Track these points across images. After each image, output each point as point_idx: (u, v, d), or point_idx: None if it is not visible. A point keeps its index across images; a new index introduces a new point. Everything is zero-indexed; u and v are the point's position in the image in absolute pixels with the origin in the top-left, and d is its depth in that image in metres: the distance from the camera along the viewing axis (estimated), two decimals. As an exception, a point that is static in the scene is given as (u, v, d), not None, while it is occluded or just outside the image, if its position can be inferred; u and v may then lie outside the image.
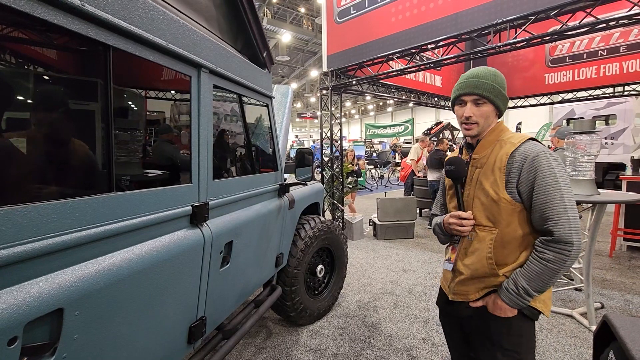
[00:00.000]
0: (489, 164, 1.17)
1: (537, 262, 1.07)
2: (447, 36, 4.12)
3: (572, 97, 8.20)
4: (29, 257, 0.78)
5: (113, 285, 0.97)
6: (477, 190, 1.20)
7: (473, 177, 1.22)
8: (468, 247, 1.23)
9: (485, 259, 1.17)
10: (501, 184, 1.13)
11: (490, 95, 1.16)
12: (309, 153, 2.54)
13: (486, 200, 1.16)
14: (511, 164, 1.12)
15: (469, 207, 1.23)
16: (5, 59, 0.92)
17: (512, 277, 1.13)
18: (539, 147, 1.12)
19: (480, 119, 1.19)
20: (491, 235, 1.16)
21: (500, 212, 1.14)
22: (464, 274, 1.23)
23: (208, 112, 1.47)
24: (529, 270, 1.09)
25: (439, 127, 11.23)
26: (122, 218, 1.04)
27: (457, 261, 1.27)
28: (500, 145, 1.17)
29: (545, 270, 1.05)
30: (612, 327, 1.36)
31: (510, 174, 1.12)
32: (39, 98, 0.98)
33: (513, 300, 1.11)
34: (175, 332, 1.32)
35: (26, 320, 0.75)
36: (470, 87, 1.18)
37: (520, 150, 1.12)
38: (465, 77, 1.22)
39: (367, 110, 39.28)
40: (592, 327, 2.64)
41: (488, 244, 1.16)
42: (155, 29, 1.14)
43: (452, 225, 1.24)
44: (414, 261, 4.46)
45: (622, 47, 6.62)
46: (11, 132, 0.91)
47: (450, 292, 1.31)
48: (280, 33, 16.58)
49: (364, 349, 2.49)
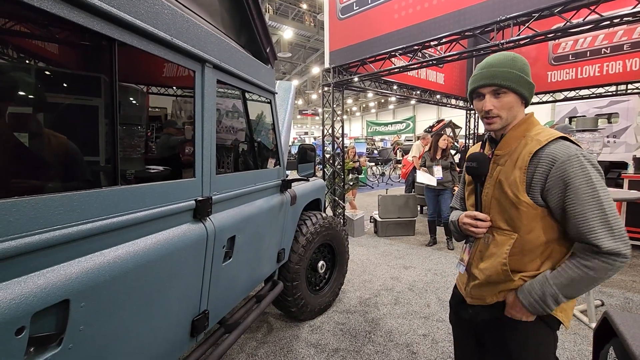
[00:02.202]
0: (511, 161, 1.06)
1: (576, 268, 0.96)
2: (450, 33, 4.10)
3: (574, 95, 8.17)
4: (36, 248, 0.79)
5: (118, 277, 0.98)
6: (496, 190, 1.09)
7: (493, 175, 1.11)
8: (484, 250, 1.14)
9: (500, 266, 1.07)
10: (521, 185, 1.02)
11: (510, 83, 1.04)
12: (311, 149, 2.55)
13: (505, 201, 1.06)
14: (535, 166, 1.00)
15: (487, 207, 1.13)
16: (9, 52, 0.92)
17: (538, 280, 1.01)
18: (571, 148, 0.97)
19: (503, 111, 1.07)
20: (509, 240, 1.06)
21: (521, 217, 1.03)
22: (479, 279, 1.14)
23: (211, 107, 1.47)
24: (564, 275, 0.97)
25: (440, 125, 11.19)
26: (127, 211, 1.05)
27: (471, 264, 1.18)
28: (527, 141, 1.05)
29: (585, 277, 0.94)
30: (613, 323, 1.37)
31: (534, 176, 1.00)
32: (44, 92, 0.98)
33: (533, 305, 1.01)
34: (178, 325, 1.33)
35: (33, 311, 0.76)
36: (486, 78, 1.06)
37: (548, 151, 0.98)
38: (480, 67, 1.11)
39: (369, 107, 39.19)
40: (592, 324, 2.65)
41: (505, 250, 1.06)
42: (160, 23, 1.14)
43: (466, 226, 1.16)
44: (415, 258, 4.47)
45: (625, 45, 6.57)
46: (17, 126, 0.91)
47: (467, 295, 1.22)
48: (282, 29, 16.52)
49: (364, 344, 2.50)
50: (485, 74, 1.07)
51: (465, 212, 1.20)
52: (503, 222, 1.08)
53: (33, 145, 0.92)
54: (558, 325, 1.10)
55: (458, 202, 1.41)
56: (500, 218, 1.09)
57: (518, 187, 1.02)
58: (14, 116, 0.89)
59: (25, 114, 0.94)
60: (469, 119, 9.72)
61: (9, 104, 0.88)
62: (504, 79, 1.04)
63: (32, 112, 0.95)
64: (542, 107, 12.76)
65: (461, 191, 1.39)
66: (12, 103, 0.89)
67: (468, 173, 1.20)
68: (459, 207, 1.39)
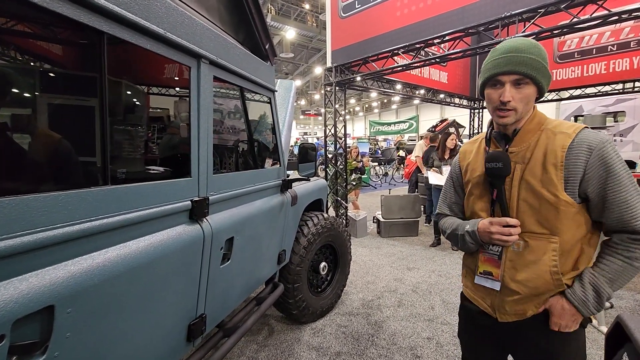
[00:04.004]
0: (536, 158, 0.98)
1: (620, 260, 0.92)
2: (453, 30, 4.05)
3: (580, 94, 8.07)
4: (18, 251, 0.75)
5: (108, 281, 0.94)
6: (524, 191, 0.99)
7: (515, 175, 1.01)
8: (517, 259, 1.02)
9: (550, 274, 0.97)
10: (560, 183, 0.93)
11: (537, 73, 0.94)
12: (312, 148, 2.50)
13: (537, 203, 0.97)
14: (571, 159, 0.93)
15: (513, 211, 1.02)
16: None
17: (587, 280, 0.95)
18: (601, 135, 0.93)
19: (520, 104, 0.97)
20: (550, 244, 0.97)
21: (560, 217, 0.94)
22: (521, 293, 1.01)
23: (208, 105, 1.43)
24: (608, 269, 0.93)
25: (444, 124, 11.11)
26: (117, 212, 1.01)
27: (505, 277, 1.04)
28: (547, 135, 0.98)
29: (629, 269, 0.92)
30: (626, 328, 1.30)
31: (572, 171, 0.93)
32: (27, 88, 0.94)
33: (589, 308, 0.94)
34: (173, 330, 1.29)
35: (14, 318, 0.72)
36: (513, 64, 0.94)
37: (579, 140, 0.93)
38: (503, 51, 0.97)
39: (372, 107, 39.12)
40: (602, 327, 2.58)
41: (551, 255, 0.97)
42: (152, 17, 1.10)
43: (496, 235, 1.01)
44: (418, 259, 4.41)
45: (632, 42, 6.48)
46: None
47: (500, 312, 1.07)
48: (285, 30, 16.49)
49: (367, 347, 2.45)
50: (511, 59, 0.95)
51: (487, 219, 1.06)
52: (536, 225, 0.98)
53: (15, 142, 0.88)
54: (587, 323, 1.04)
55: (447, 207, 1.27)
56: (532, 221, 0.99)
57: (556, 186, 0.94)
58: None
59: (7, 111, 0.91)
60: (472, 118, 9.64)
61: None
62: (531, 67, 0.94)
63: (15, 109, 0.91)
64: (547, 105, 12.66)
65: (453, 195, 1.26)
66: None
67: (489, 175, 1.05)
68: (451, 213, 1.27)
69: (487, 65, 1.01)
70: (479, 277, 1.11)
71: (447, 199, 1.29)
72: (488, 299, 1.10)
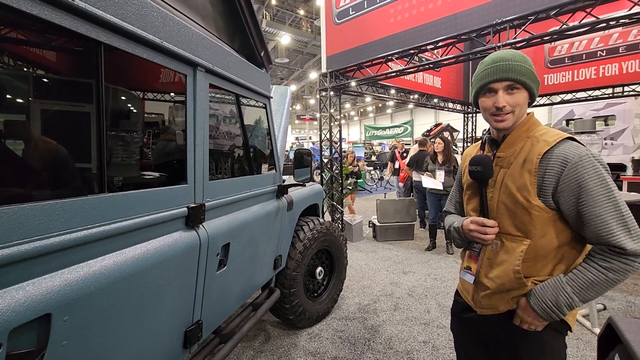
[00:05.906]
0: (517, 164, 1.02)
1: (595, 270, 0.92)
2: (446, 37, 4.11)
3: (571, 98, 8.20)
4: (15, 260, 0.75)
5: (104, 289, 0.94)
6: (503, 195, 1.04)
7: (497, 179, 1.06)
8: (493, 258, 1.08)
9: (513, 273, 1.02)
10: (532, 189, 0.97)
11: (526, 79, 0.99)
12: (308, 154, 2.52)
13: (514, 206, 1.01)
14: (545, 168, 0.96)
15: (493, 212, 1.08)
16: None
17: (551, 285, 0.96)
18: (581, 149, 0.94)
19: (516, 108, 1.02)
20: (522, 246, 1.01)
21: (533, 222, 0.98)
22: (490, 288, 1.08)
23: (204, 112, 1.44)
24: (581, 278, 0.93)
25: (438, 129, 11.20)
26: (114, 220, 1.01)
27: (480, 273, 1.12)
28: (532, 142, 1.01)
29: (603, 280, 0.91)
30: (618, 329, 1.33)
31: (544, 179, 0.96)
32: (26, 97, 0.95)
33: (546, 311, 0.96)
34: (170, 336, 1.29)
35: (11, 327, 0.72)
36: (502, 72, 1.00)
37: (558, 152, 0.95)
38: (492, 62, 1.03)
39: (367, 112, 39.29)
40: (595, 329, 2.61)
41: (517, 256, 1.01)
42: (149, 26, 1.12)
43: (474, 233, 1.09)
44: (414, 263, 4.43)
45: (621, 47, 6.62)
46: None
47: (475, 305, 1.16)
48: (280, 35, 16.58)
49: (363, 352, 2.45)
50: (501, 68, 1.00)
51: (470, 218, 1.13)
52: (512, 228, 1.03)
53: (12, 151, 0.88)
54: (566, 330, 1.07)
55: (453, 205, 1.36)
56: (509, 223, 1.04)
57: (529, 190, 0.97)
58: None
59: (4, 119, 0.91)
60: (466, 122, 9.74)
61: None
62: (520, 73, 0.99)
63: (12, 117, 0.92)
64: (539, 110, 12.82)
65: (457, 195, 1.34)
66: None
67: (472, 177, 1.13)
68: (455, 212, 1.35)
69: (478, 76, 1.07)
70: (463, 271, 1.19)
71: (452, 198, 1.37)
72: (470, 292, 1.18)
